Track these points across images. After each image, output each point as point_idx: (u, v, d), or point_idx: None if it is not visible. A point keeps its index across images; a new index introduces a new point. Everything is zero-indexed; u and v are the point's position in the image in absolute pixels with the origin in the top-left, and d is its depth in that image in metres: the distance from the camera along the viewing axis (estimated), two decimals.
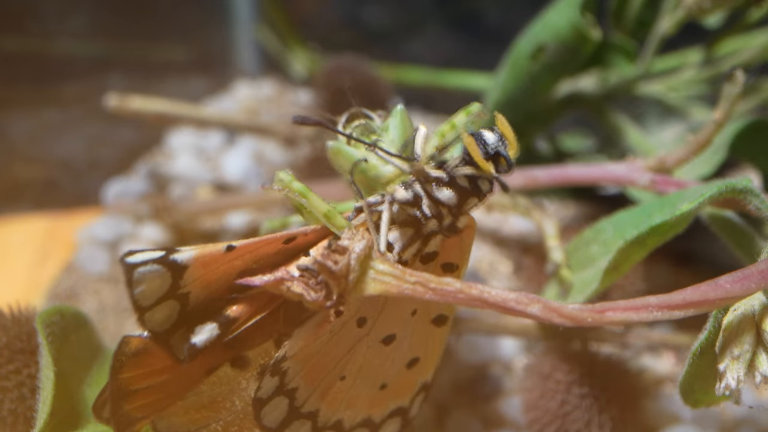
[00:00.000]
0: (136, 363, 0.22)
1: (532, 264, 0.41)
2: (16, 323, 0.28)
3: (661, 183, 0.32)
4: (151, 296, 0.21)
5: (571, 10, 0.37)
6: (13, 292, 0.43)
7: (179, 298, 0.22)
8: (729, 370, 0.22)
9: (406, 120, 0.24)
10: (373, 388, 0.26)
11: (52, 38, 0.54)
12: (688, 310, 0.21)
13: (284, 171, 0.23)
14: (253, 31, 0.65)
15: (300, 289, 0.20)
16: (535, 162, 0.45)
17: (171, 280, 0.21)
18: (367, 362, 0.25)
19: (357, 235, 0.21)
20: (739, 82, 0.29)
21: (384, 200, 0.22)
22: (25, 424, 0.27)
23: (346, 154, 0.24)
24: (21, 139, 0.53)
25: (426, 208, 0.22)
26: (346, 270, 0.20)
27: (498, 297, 0.21)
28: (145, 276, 0.21)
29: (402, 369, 0.26)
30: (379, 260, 0.21)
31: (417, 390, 0.27)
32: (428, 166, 0.22)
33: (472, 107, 0.24)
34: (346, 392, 0.25)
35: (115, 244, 0.45)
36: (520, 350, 0.38)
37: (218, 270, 0.22)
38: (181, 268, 0.21)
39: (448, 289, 0.21)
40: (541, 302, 0.21)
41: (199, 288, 0.22)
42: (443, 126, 0.24)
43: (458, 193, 0.22)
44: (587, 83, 0.46)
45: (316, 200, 0.22)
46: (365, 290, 0.20)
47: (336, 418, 0.25)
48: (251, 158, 0.53)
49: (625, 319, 0.21)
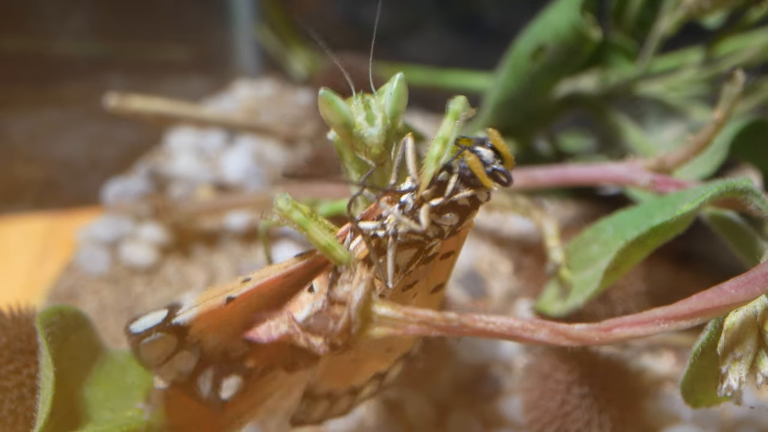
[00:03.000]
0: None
1: (532, 264, 0.41)
2: (16, 323, 0.28)
3: (661, 183, 0.32)
4: (161, 357, 0.22)
5: (571, 10, 0.37)
6: (13, 292, 0.43)
7: (191, 348, 0.22)
8: (731, 371, 0.22)
9: (402, 89, 0.23)
10: (380, 352, 0.27)
11: (52, 38, 0.54)
12: (695, 319, 0.21)
13: (283, 197, 0.22)
14: (253, 31, 0.65)
15: (305, 342, 0.20)
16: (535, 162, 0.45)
17: (176, 341, 0.22)
18: (375, 342, 0.26)
19: (356, 277, 0.20)
20: (739, 82, 0.29)
21: (384, 226, 0.22)
22: (25, 424, 0.27)
23: (337, 108, 0.23)
24: (21, 139, 0.53)
25: (429, 232, 0.22)
26: (348, 325, 0.20)
27: (504, 326, 0.21)
28: (151, 345, 0.22)
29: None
30: (380, 303, 0.20)
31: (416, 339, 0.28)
32: (427, 194, 0.21)
33: (455, 106, 0.22)
34: (357, 368, 0.27)
35: (115, 244, 0.45)
36: (520, 350, 0.38)
37: (222, 316, 0.23)
38: (184, 329, 0.22)
39: (453, 325, 0.21)
40: (547, 327, 0.21)
41: (209, 335, 0.22)
42: (436, 148, 0.21)
43: (459, 213, 0.22)
44: (587, 83, 0.46)
45: (316, 232, 0.21)
46: (369, 336, 0.20)
47: (349, 385, 0.27)
48: (251, 158, 0.53)
49: (633, 334, 0.21)
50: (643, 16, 0.43)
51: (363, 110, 0.23)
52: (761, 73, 0.41)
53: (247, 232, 0.47)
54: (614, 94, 0.45)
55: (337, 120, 0.23)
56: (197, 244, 0.46)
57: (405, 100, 0.23)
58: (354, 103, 0.23)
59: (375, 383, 0.28)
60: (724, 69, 0.42)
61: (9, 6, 0.51)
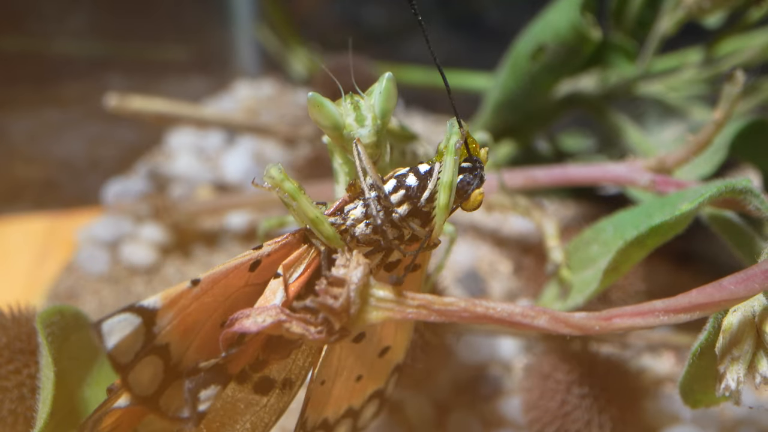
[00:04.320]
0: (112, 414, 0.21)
1: (532, 264, 0.41)
2: (16, 323, 0.28)
3: (661, 183, 0.32)
4: (128, 350, 0.20)
5: (571, 10, 0.37)
6: (13, 292, 0.43)
7: (159, 352, 0.21)
8: (729, 371, 0.22)
9: (391, 88, 0.23)
10: (350, 382, 0.26)
11: (52, 38, 0.54)
12: (694, 313, 0.21)
13: (276, 166, 0.22)
14: (253, 31, 0.65)
15: (300, 329, 0.20)
16: (535, 162, 0.45)
17: (144, 328, 0.20)
18: (342, 362, 0.25)
19: (352, 261, 0.20)
20: (739, 82, 0.29)
21: (345, 223, 0.22)
22: (25, 424, 0.27)
23: (326, 110, 0.23)
24: (21, 139, 0.53)
25: (389, 234, 0.21)
26: (347, 304, 0.19)
27: (504, 312, 0.21)
28: (115, 326, 0.20)
29: (375, 359, 0.26)
30: (379, 287, 0.20)
31: (391, 372, 0.28)
32: (397, 203, 0.21)
33: (453, 139, 0.21)
34: (326, 394, 0.25)
35: (115, 244, 0.45)
36: (520, 350, 0.38)
37: (191, 312, 0.21)
38: (150, 312, 0.20)
39: (453, 309, 0.20)
40: (548, 314, 0.21)
41: (177, 337, 0.21)
42: (443, 197, 0.21)
43: (423, 218, 0.22)
44: (587, 83, 0.46)
45: (305, 204, 0.21)
46: (367, 320, 0.20)
47: (322, 419, 0.26)
48: (251, 158, 0.53)
49: (632, 325, 0.21)
50: (643, 16, 0.43)
51: (352, 111, 0.23)
52: (761, 73, 0.42)
53: (247, 232, 0.47)
54: (614, 94, 0.45)
55: (326, 122, 0.23)
56: (197, 244, 0.46)
57: (395, 99, 0.23)
58: (343, 104, 0.23)
59: (348, 422, 0.27)
60: (724, 69, 0.42)
61: (9, 6, 0.51)
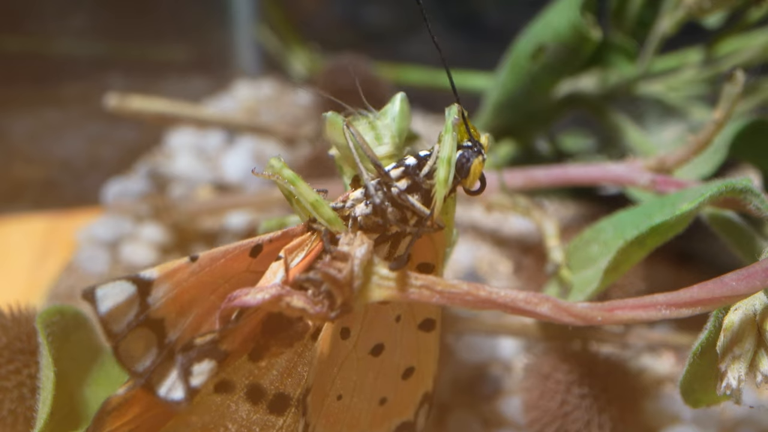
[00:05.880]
0: (118, 415, 0.21)
1: (532, 264, 0.41)
2: (16, 323, 0.28)
3: (661, 183, 0.32)
4: (121, 317, 0.20)
5: (571, 10, 0.37)
6: (13, 292, 0.43)
7: (153, 326, 0.20)
8: (730, 370, 0.22)
9: (405, 108, 0.24)
10: (372, 404, 0.25)
11: (52, 38, 0.54)
12: (696, 307, 0.21)
13: (276, 157, 0.23)
14: (253, 31, 0.65)
15: (301, 303, 0.19)
16: (535, 162, 0.45)
17: (138, 297, 0.20)
18: (361, 377, 0.24)
19: (356, 239, 0.20)
20: (739, 82, 0.29)
21: (345, 207, 0.22)
22: (25, 424, 0.27)
23: (342, 129, 0.23)
24: (21, 139, 0.53)
25: (390, 215, 0.21)
26: (350, 277, 0.19)
27: (507, 297, 0.20)
28: (109, 292, 0.20)
29: (398, 380, 0.26)
30: (382, 264, 0.20)
31: (419, 401, 0.27)
32: (397, 175, 0.22)
33: (452, 118, 0.22)
34: (345, 412, 0.24)
35: (115, 244, 0.45)
36: (520, 350, 0.38)
37: (188, 288, 0.21)
38: (146, 282, 0.20)
39: (456, 292, 0.20)
40: (551, 301, 0.20)
41: (172, 313, 0.21)
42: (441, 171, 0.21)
43: (424, 197, 0.22)
44: (587, 83, 0.46)
45: (305, 188, 0.22)
46: (370, 297, 0.19)
47: None
48: (251, 158, 0.53)
49: (634, 317, 0.21)
50: (643, 16, 0.43)
51: (370, 131, 0.23)
52: (761, 73, 0.42)
53: (247, 232, 0.47)
54: (614, 94, 0.45)
55: (344, 142, 0.23)
56: (197, 244, 0.46)
57: (410, 118, 0.24)
58: (361, 124, 0.23)
59: None
60: (724, 69, 0.42)
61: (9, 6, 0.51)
